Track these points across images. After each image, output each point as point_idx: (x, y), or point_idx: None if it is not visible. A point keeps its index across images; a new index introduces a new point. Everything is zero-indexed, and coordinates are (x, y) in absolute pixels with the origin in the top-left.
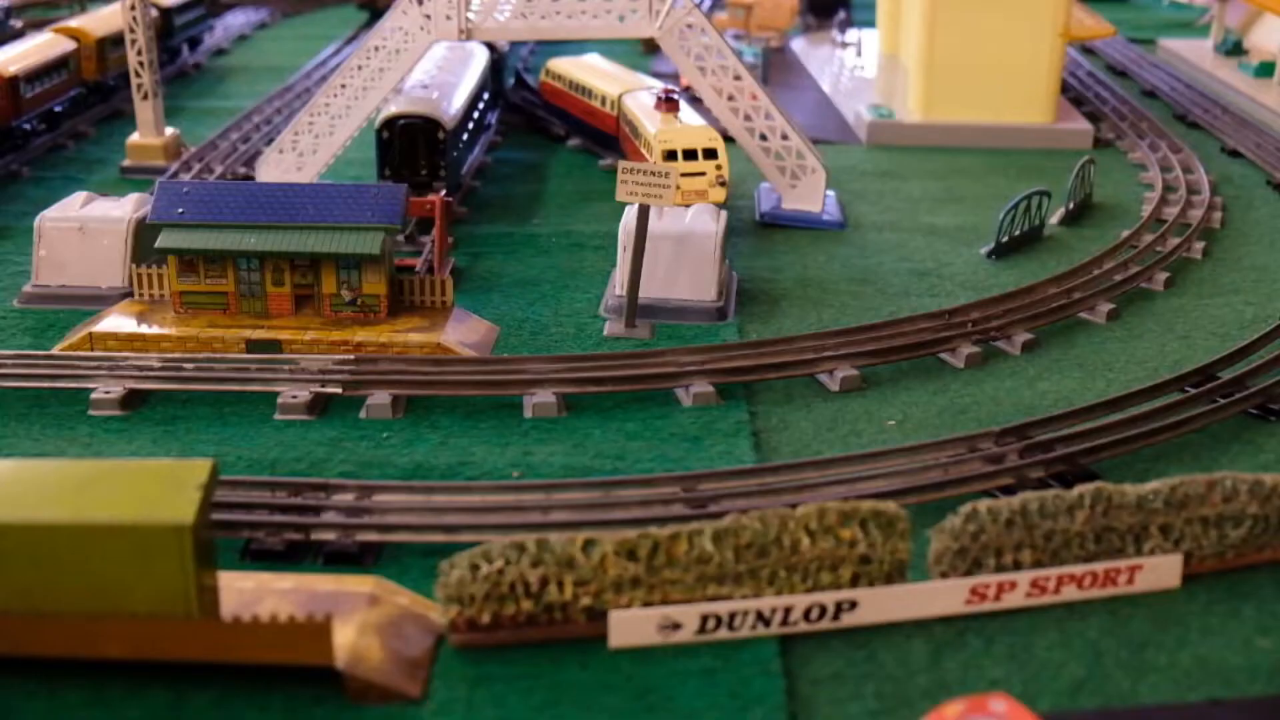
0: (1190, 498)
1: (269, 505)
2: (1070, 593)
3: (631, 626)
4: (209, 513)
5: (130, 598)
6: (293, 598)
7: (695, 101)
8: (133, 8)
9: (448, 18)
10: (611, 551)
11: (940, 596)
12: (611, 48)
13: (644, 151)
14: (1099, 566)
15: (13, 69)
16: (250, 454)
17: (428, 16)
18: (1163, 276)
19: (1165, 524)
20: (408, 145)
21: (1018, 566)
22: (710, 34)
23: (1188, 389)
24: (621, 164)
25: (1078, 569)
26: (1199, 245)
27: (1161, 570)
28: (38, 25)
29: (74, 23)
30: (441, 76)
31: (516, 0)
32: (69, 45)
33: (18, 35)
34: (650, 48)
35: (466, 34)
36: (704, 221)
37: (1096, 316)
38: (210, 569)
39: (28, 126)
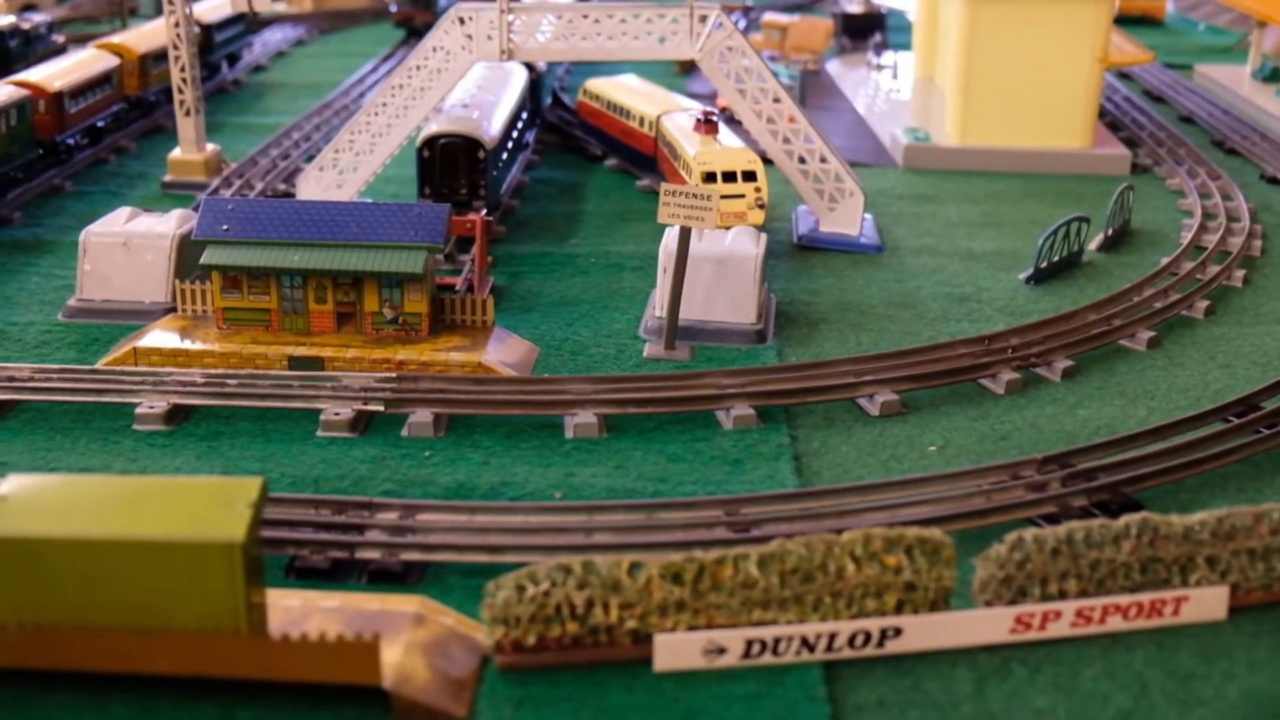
0: (1237, 529)
1: (313, 523)
2: (1116, 623)
3: (676, 650)
4: (258, 530)
5: (180, 614)
6: (339, 616)
7: (733, 123)
8: (177, 25)
9: (489, 38)
10: (657, 575)
11: (985, 625)
12: (645, 67)
13: (683, 173)
14: (1145, 597)
15: (57, 84)
16: (294, 471)
17: (469, 37)
18: (1203, 304)
19: (1212, 555)
20: (448, 164)
21: (1063, 596)
22: (750, 56)
23: (1230, 419)
24: (664, 186)
25: (1123, 599)
26: (1239, 273)
27: (1208, 602)
28: (80, 40)
29: (117, 38)
30: (481, 96)
31: (558, 22)
32: (112, 61)
33: (60, 50)
34: (685, 68)
35: (508, 54)
36: (744, 244)
37: (1137, 344)
38: (259, 587)
39: (71, 141)
